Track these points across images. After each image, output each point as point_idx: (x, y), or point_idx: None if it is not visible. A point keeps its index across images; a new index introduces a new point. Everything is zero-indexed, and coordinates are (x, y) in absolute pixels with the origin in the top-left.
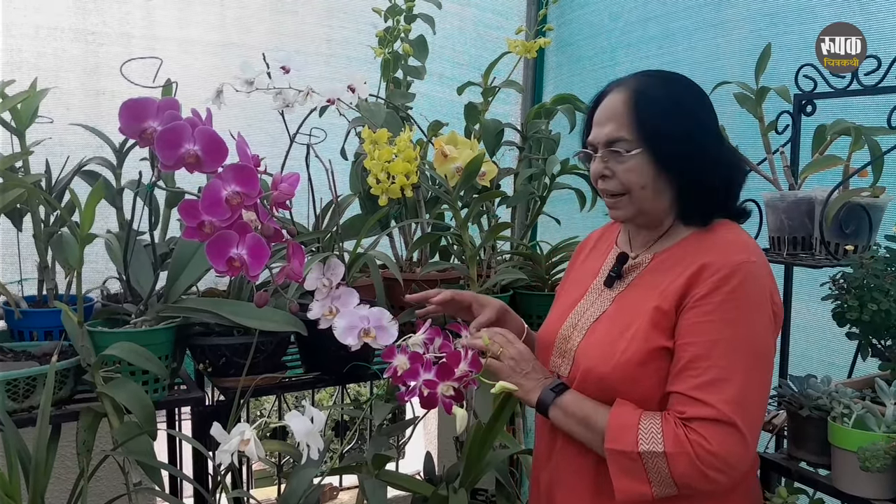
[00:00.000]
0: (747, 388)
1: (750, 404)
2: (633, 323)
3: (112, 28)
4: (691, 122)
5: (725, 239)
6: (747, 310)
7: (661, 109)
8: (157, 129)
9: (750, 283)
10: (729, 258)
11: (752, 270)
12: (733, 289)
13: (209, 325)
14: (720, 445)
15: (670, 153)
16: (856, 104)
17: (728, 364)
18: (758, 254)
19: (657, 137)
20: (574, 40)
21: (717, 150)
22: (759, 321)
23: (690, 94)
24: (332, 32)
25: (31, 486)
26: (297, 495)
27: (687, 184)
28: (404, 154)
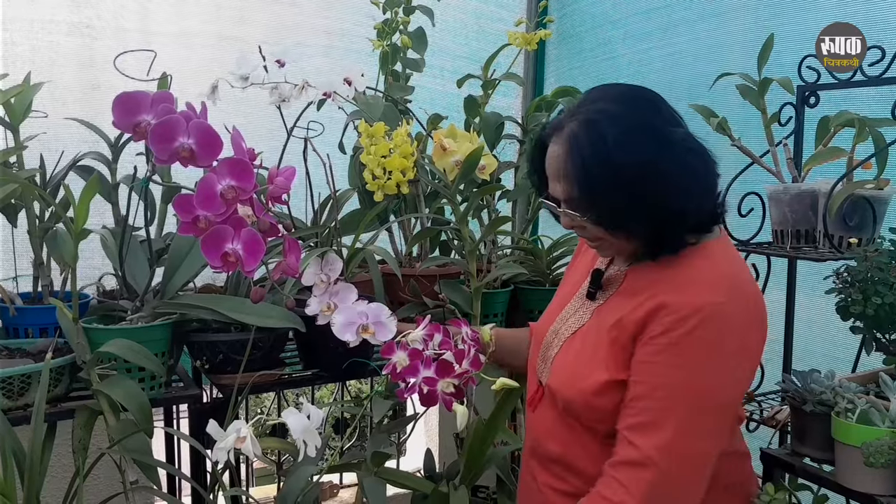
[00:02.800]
0: (682, 436)
1: (684, 453)
2: (597, 350)
3: (107, 21)
4: (631, 166)
5: (695, 275)
6: (700, 356)
7: (595, 171)
8: (150, 123)
9: (709, 328)
10: (690, 299)
11: (715, 313)
12: (687, 332)
13: (206, 322)
14: (639, 491)
15: (618, 215)
16: (860, 95)
17: (665, 408)
18: (732, 291)
19: (598, 203)
20: (575, 32)
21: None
22: (716, 367)
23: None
24: (330, 24)
25: (26, 484)
26: (294, 493)
27: (649, 231)
28: (401, 149)
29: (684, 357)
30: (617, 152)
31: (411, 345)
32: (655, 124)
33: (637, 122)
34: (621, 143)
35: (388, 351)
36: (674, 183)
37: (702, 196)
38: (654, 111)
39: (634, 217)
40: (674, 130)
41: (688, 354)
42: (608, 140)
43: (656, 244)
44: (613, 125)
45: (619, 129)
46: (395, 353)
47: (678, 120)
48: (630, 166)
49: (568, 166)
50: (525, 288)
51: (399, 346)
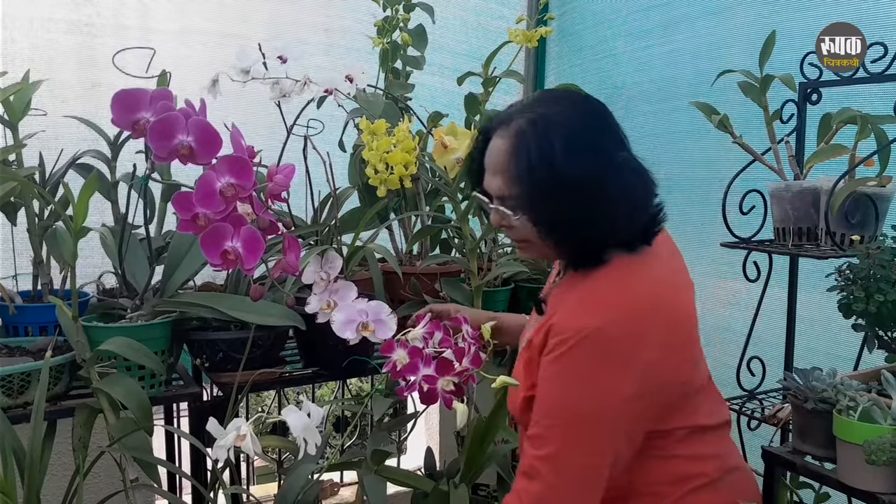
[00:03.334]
0: (564, 450)
1: (566, 466)
2: (522, 367)
3: (106, 19)
4: (575, 177)
5: (584, 296)
6: (575, 375)
7: (539, 175)
8: (149, 120)
9: (584, 349)
10: (571, 322)
11: (591, 335)
12: (564, 353)
13: (206, 320)
14: (530, 500)
15: (552, 220)
16: (862, 92)
17: (548, 424)
18: (609, 312)
19: (536, 206)
20: (575, 29)
21: (614, 199)
22: (591, 386)
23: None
24: (330, 22)
25: (26, 483)
26: (294, 491)
27: (576, 239)
28: (403, 144)
29: (562, 375)
30: (564, 160)
31: (411, 343)
32: (604, 139)
33: (587, 133)
34: (569, 152)
35: (388, 349)
36: (612, 200)
37: (635, 216)
38: (604, 126)
39: (569, 226)
40: (619, 147)
41: (565, 373)
42: (556, 146)
43: (580, 255)
44: (563, 131)
45: (569, 138)
46: (396, 351)
47: (623, 138)
48: (575, 177)
49: (511, 163)
50: (526, 286)
51: (399, 344)
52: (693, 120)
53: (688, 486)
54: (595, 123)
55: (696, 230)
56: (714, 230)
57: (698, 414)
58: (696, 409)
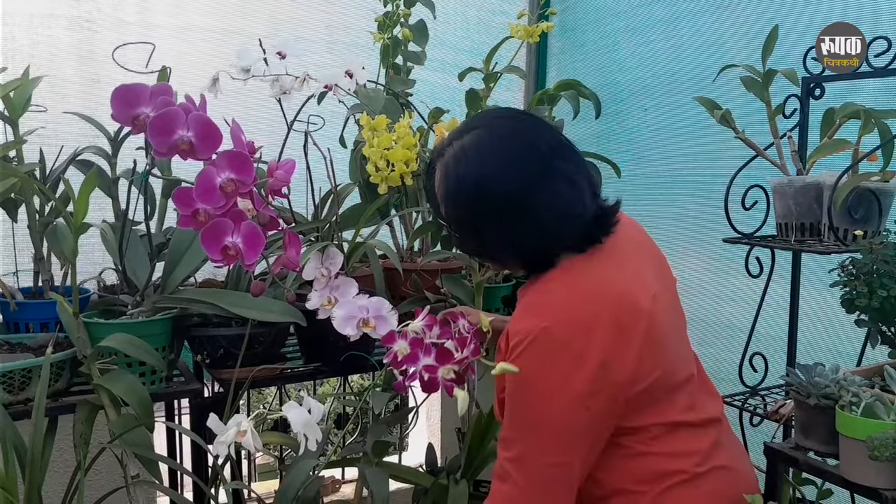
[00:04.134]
0: (529, 452)
1: (532, 467)
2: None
3: (106, 15)
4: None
5: (530, 301)
6: (522, 380)
7: (458, 207)
8: (149, 116)
9: (526, 353)
10: (520, 325)
11: (538, 336)
12: (517, 356)
13: (207, 316)
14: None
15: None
16: (865, 87)
17: (513, 426)
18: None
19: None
20: (577, 25)
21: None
22: (535, 393)
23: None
24: (331, 18)
25: (27, 479)
26: (295, 487)
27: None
28: (404, 141)
29: (517, 378)
30: (478, 184)
31: (412, 334)
32: (525, 154)
33: (505, 153)
34: (484, 176)
35: (389, 339)
36: (535, 212)
37: (567, 222)
38: (527, 141)
39: (499, 244)
40: (546, 159)
41: (520, 375)
42: (472, 169)
43: (525, 265)
44: (481, 154)
45: (485, 159)
46: (397, 342)
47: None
48: (491, 197)
49: (441, 192)
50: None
51: (400, 335)
52: (695, 115)
53: (666, 482)
54: (515, 141)
55: (698, 225)
56: (716, 225)
57: (673, 410)
58: (671, 406)
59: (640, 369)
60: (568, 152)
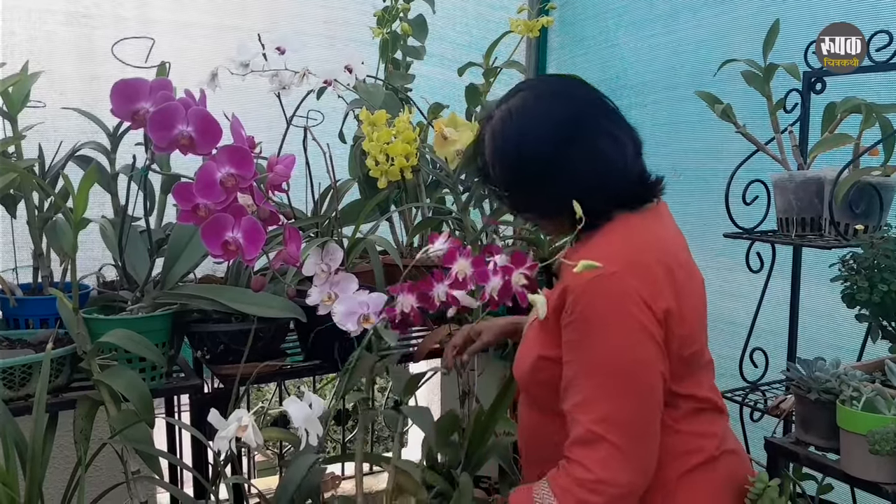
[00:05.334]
0: (615, 406)
1: (625, 419)
2: (533, 332)
3: (105, 10)
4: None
5: (593, 250)
6: (597, 329)
7: (508, 164)
8: (149, 111)
9: (597, 302)
10: (580, 278)
11: (605, 284)
12: (581, 310)
13: (207, 312)
14: (600, 468)
15: (531, 203)
16: (867, 81)
17: (591, 384)
18: (620, 258)
19: (513, 193)
20: (577, 20)
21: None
22: (619, 336)
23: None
24: (330, 13)
25: (28, 475)
26: (295, 482)
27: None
28: (403, 135)
29: (585, 334)
30: (519, 143)
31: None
32: (563, 114)
33: (546, 113)
34: (527, 134)
35: (450, 258)
36: (577, 173)
37: (612, 177)
38: (567, 101)
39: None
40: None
41: (587, 331)
42: (515, 130)
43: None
44: (524, 116)
45: (528, 120)
46: (457, 262)
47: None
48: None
49: (489, 154)
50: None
51: (461, 254)
52: (696, 110)
53: (689, 462)
54: (558, 100)
55: (699, 220)
56: (717, 220)
57: (702, 388)
58: (701, 383)
59: (690, 330)
60: (610, 111)
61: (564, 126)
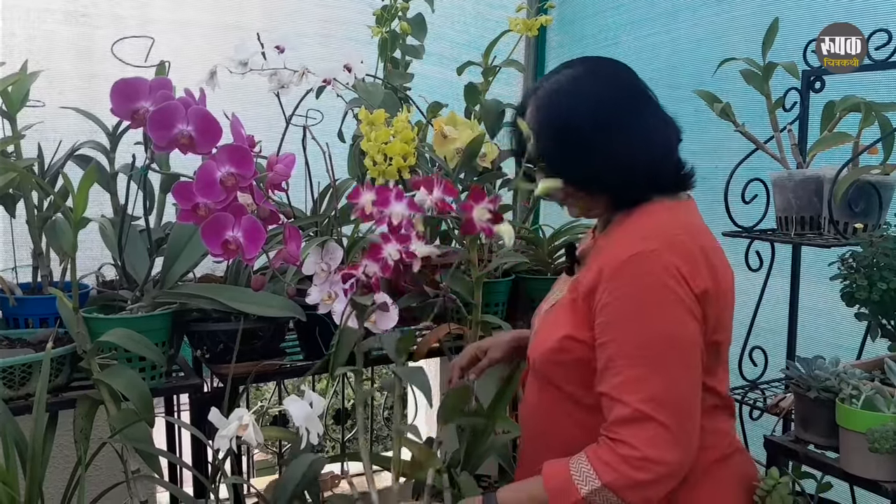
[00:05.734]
0: (667, 383)
1: (671, 397)
2: (560, 312)
3: (103, 10)
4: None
5: (629, 229)
6: (640, 306)
7: (556, 132)
8: (149, 110)
9: (638, 279)
10: (621, 253)
11: (645, 260)
12: (625, 285)
13: (206, 312)
14: (647, 446)
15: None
16: (866, 79)
17: (636, 363)
18: (661, 236)
19: (557, 161)
20: (576, 18)
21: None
22: (663, 312)
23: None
24: (329, 13)
25: (28, 474)
26: (294, 481)
27: (603, 187)
28: (402, 135)
29: (632, 310)
30: (570, 111)
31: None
32: (612, 89)
33: (595, 87)
34: (576, 104)
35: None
36: (623, 143)
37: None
38: (615, 79)
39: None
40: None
41: (635, 306)
42: (564, 100)
43: (617, 197)
44: (575, 89)
45: (577, 92)
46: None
47: (641, 91)
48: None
49: (533, 125)
50: (527, 277)
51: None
52: (695, 108)
53: (707, 457)
54: (609, 79)
55: None
56: (716, 219)
57: (722, 383)
58: (722, 380)
59: (722, 315)
60: (654, 99)
61: (614, 102)
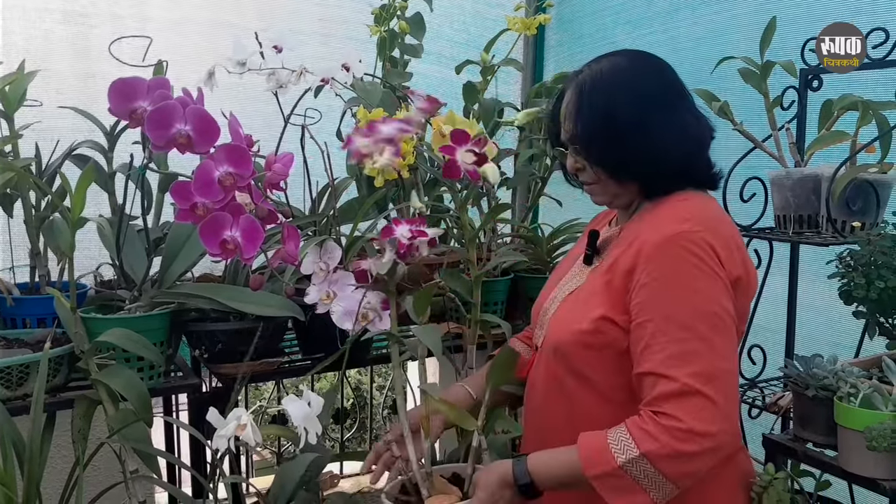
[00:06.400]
0: (712, 357)
1: (718, 372)
2: (591, 295)
3: (101, 9)
4: (627, 110)
5: (667, 212)
6: (687, 280)
7: (596, 115)
8: (147, 109)
9: (685, 254)
10: (660, 233)
11: (687, 239)
12: (668, 263)
13: (205, 311)
14: (693, 419)
15: (610, 157)
16: (863, 78)
17: (686, 337)
18: (700, 219)
19: (593, 144)
20: (575, 17)
21: (664, 133)
22: (707, 289)
23: (630, 86)
24: (327, 11)
25: (26, 475)
26: (293, 480)
27: (636, 174)
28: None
29: (675, 286)
30: (614, 98)
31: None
32: (654, 81)
33: (638, 77)
34: (617, 92)
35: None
36: (660, 133)
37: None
38: (657, 71)
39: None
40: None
41: (677, 282)
42: (607, 87)
43: (650, 185)
44: (617, 76)
45: (621, 79)
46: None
47: (681, 87)
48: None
49: (572, 107)
50: (525, 276)
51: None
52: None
53: None
54: (650, 71)
55: None
56: None
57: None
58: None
59: (746, 309)
60: (689, 97)
61: (655, 92)
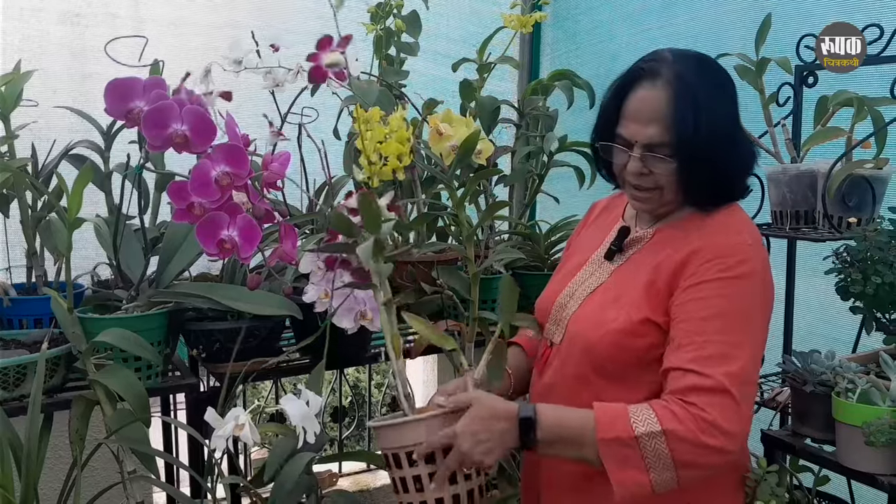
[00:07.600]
0: (747, 363)
1: (747, 378)
2: (626, 294)
3: (97, 9)
4: (724, 123)
5: (723, 222)
6: (740, 287)
7: (701, 117)
8: (143, 109)
9: (742, 263)
10: (723, 240)
11: (748, 250)
12: (727, 268)
13: (202, 311)
14: (719, 415)
15: (702, 158)
16: (858, 74)
17: (727, 340)
18: (753, 236)
19: (694, 146)
20: (571, 14)
21: (739, 143)
22: (753, 300)
23: (722, 89)
24: (323, 9)
25: (23, 476)
26: (292, 479)
27: (710, 179)
28: (397, 134)
29: (728, 290)
30: (719, 94)
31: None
32: (735, 94)
33: (728, 89)
34: (720, 91)
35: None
36: (743, 138)
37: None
38: (733, 83)
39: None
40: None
41: (731, 288)
42: (707, 99)
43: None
44: (714, 88)
45: (718, 92)
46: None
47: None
48: (725, 112)
49: (671, 111)
50: (523, 273)
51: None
52: None
53: None
54: (731, 83)
55: None
56: None
57: None
58: None
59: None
60: None
61: (736, 107)
